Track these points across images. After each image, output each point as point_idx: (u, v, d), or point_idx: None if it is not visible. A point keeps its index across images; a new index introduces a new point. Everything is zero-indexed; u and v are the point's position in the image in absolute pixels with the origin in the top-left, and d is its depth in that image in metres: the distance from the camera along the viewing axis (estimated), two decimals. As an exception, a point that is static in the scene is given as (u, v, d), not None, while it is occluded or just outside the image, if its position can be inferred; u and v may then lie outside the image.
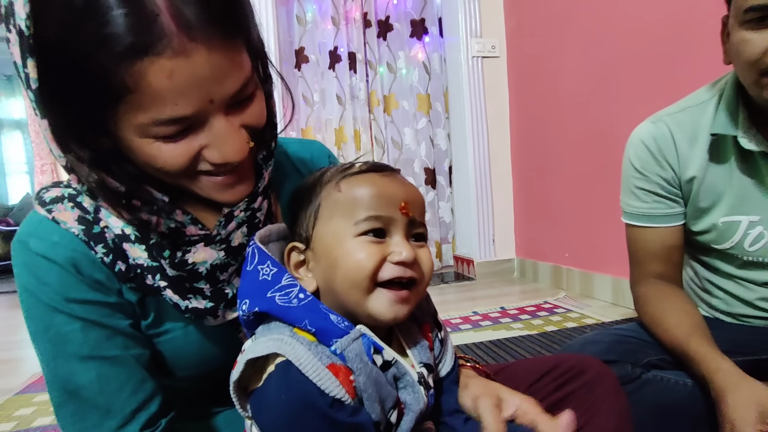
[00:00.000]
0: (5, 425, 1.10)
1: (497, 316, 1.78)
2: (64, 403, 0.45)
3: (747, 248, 0.76)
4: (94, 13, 0.33)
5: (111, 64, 0.34)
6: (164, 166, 0.41)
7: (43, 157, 3.10)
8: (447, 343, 0.54)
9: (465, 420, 0.49)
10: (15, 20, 0.35)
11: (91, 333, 0.45)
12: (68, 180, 0.49)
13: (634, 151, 0.82)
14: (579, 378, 0.57)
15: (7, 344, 1.99)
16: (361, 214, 0.45)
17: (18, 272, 0.46)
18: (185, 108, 0.38)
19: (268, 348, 0.41)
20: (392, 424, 0.44)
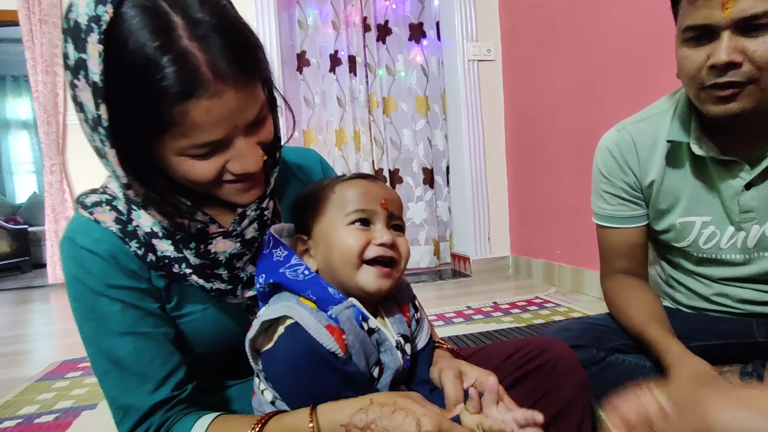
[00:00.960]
0: (29, 408, 1.20)
1: (489, 310, 1.86)
2: (108, 371, 0.53)
3: (702, 246, 0.83)
4: (153, 71, 0.43)
5: (164, 107, 0.45)
6: (197, 179, 0.51)
7: (52, 157, 3.19)
8: (423, 323, 0.63)
9: (431, 390, 0.58)
10: (88, 74, 0.44)
11: (128, 313, 0.54)
12: (102, 187, 0.58)
13: (600, 157, 0.89)
14: (542, 356, 0.65)
15: (18, 337, 2.08)
16: (350, 207, 0.56)
17: (66, 263, 0.55)
18: (216, 135, 0.48)
19: (279, 311, 0.51)
20: (374, 378, 0.54)
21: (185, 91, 0.44)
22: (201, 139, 0.47)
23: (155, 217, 0.53)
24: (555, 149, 2.25)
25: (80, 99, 0.47)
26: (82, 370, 1.46)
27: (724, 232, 0.80)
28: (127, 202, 0.55)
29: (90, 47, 0.44)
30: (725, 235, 0.80)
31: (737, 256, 0.81)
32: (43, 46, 3.13)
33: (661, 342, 0.73)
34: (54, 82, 3.18)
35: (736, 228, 0.79)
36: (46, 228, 3.21)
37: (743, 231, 0.79)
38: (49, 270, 3.20)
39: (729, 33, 0.65)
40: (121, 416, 0.54)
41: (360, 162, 2.85)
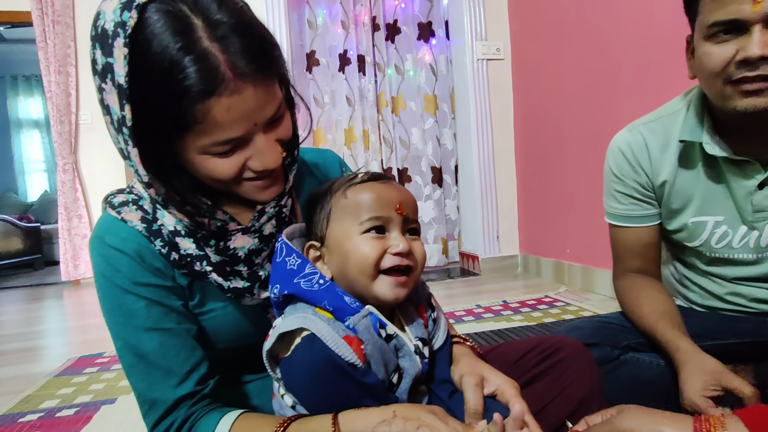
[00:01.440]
0: (50, 402, 1.22)
1: (499, 308, 1.86)
2: (135, 365, 0.55)
3: (714, 246, 0.83)
4: (175, 71, 0.45)
5: (186, 105, 0.46)
6: (219, 177, 0.52)
7: (65, 156, 3.23)
8: (439, 322, 0.64)
9: (451, 393, 0.58)
10: (114, 76, 0.47)
11: (153, 310, 0.55)
12: (129, 187, 0.60)
13: (612, 157, 0.90)
14: (556, 355, 0.66)
15: (34, 334, 2.12)
16: (365, 215, 0.55)
17: (95, 261, 0.57)
18: (237, 132, 0.49)
19: (295, 324, 0.51)
20: (394, 384, 0.54)
21: (206, 89, 0.46)
22: (222, 136, 0.49)
23: (176, 215, 0.55)
24: (564, 148, 2.25)
25: (107, 102, 0.49)
26: (99, 366, 1.49)
27: (736, 231, 0.81)
28: (152, 201, 0.57)
29: (116, 51, 0.46)
30: (737, 234, 0.81)
31: (749, 255, 0.81)
32: (56, 47, 3.17)
33: (671, 340, 0.74)
34: (66, 82, 3.22)
35: (749, 227, 0.80)
36: (59, 226, 3.25)
37: (756, 230, 0.79)
38: (62, 267, 3.25)
39: (760, 27, 0.65)
40: (147, 409, 0.55)
41: (369, 161, 2.86)
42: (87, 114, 3.31)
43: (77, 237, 3.27)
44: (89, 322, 2.32)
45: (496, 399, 0.57)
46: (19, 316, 2.52)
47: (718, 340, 0.83)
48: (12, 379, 1.43)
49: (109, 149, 3.34)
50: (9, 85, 5.69)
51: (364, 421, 0.48)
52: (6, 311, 2.66)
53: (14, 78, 5.70)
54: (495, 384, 0.58)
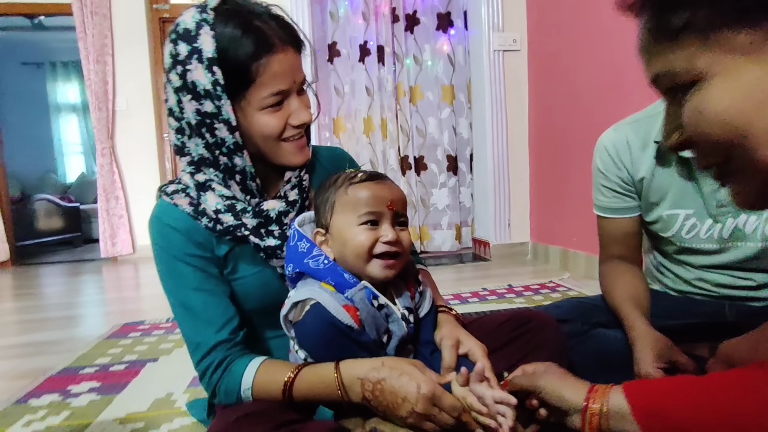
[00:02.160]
0: (103, 359, 1.42)
1: (503, 292, 1.98)
2: (184, 316, 0.71)
3: (684, 236, 0.93)
4: (244, 43, 0.65)
5: (251, 63, 0.65)
6: (270, 132, 0.69)
7: (103, 141, 3.46)
8: (425, 295, 0.77)
9: (432, 351, 0.72)
10: (202, 55, 0.65)
11: (198, 275, 0.71)
12: (177, 179, 0.75)
13: (598, 155, 1.00)
14: (526, 325, 0.79)
15: (77, 304, 2.35)
16: (362, 210, 0.67)
17: (154, 236, 0.72)
18: (284, 84, 0.67)
19: (305, 294, 0.66)
20: (384, 343, 0.68)
21: (263, 50, 0.65)
22: (276, 87, 0.66)
23: (217, 196, 0.71)
24: (576, 139, 2.32)
25: (192, 78, 0.66)
26: (141, 332, 1.68)
27: (703, 223, 0.91)
28: (196, 188, 0.72)
29: (202, 37, 0.65)
30: (704, 226, 0.91)
31: (713, 245, 0.91)
32: (94, 37, 3.36)
33: (628, 319, 0.86)
34: (104, 71, 3.42)
35: (714, 220, 0.89)
36: (98, 206, 3.49)
37: (719, 223, 0.89)
38: (101, 245, 3.50)
39: None
40: (193, 349, 0.71)
41: (386, 149, 2.98)
42: (123, 102, 3.52)
43: (114, 217, 3.51)
44: (127, 295, 2.55)
45: (468, 359, 0.71)
46: (63, 288, 2.76)
47: (682, 320, 0.94)
48: (65, 341, 1.64)
49: (142, 136, 3.56)
50: (49, 71, 5.98)
51: (359, 368, 0.62)
52: (51, 283, 2.92)
53: (53, 64, 5.98)
54: (468, 346, 0.71)
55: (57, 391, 1.19)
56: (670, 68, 0.40)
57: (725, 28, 0.36)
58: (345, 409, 0.65)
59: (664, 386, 0.56)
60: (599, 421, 0.56)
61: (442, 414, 0.60)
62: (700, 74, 0.38)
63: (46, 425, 1.02)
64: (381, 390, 0.60)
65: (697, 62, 0.38)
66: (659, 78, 0.42)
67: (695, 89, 0.39)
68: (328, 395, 0.64)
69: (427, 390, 0.59)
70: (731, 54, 0.36)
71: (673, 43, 0.39)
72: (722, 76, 0.37)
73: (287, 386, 0.64)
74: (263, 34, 0.65)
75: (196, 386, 1.19)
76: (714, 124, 0.38)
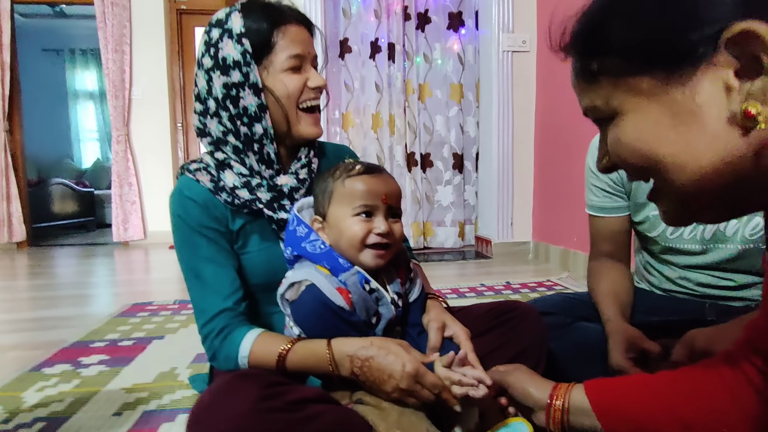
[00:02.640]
0: (113, 335, 1.49)
1: (501, 288, 2.02)
2: (194, 283, 0.77)
3: (669, 236, 0.96)
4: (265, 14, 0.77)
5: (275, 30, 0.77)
6: (293, 88, 0.77)
7: (119, 128, 3.55)
8: (415, 281, 0.82)
9: (419, 333, 0.77)
10: (232, 32, 0.75)
11: (211, 246, 0.76)
12: (198, 159, 0.82)
13: (591, 156, 1.04)
14: (509, 314, 0.83)
15: (88, 284, 2.44)
16: (357, 202, 0.71)
17: (174, 207, 0.78)
18: (302, 49, 0.77)
19: (301, 276, 0.70)
20: (373, 324, 0.73)
21: (281, 21, 0.76)
22: (293, 50, 0.76)
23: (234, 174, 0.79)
24: (581, 142, 2.34)
25: (223, 54, 0.75)
26: (149, 312, 1.76)
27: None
28: (216, 167, 0.79)
29: (232, 20, 0.76)
30: (687, 227, 0.94)
31: (697, 246, 0.95)
32: (114, 27, 3.45)
33: (605, 314, 0.90)
34: (122, 60, 3.51)
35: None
36: (112, 192, 3.58)
37: (702, 225, 0.92)
38: (114, 230, 3.60)
39: None
40: (199, 314, 0.76)
41: (394, 145, 3.03)
42: (139, 90, 3.60)
43: (127, 203, 3.60)
44: (137, 277, 2.63)
45: (452, 341, 0.76)
46: (76, 269, 2.86)
47: (665, 317, 0.97)
48: (77, 317, 1.72)
49: (156, 125, 3.65)
50: (68, 58, 6.11)
51: (349, 346, 0.67)
52: (65, 264, 3.02)
53: (72, 52, 6.10)
54: (453, 330, 0.76)
55: (69, 362, 1.27)
56: (593, 104, 0.46)
57: (630, 75, 0.42)
58: (334, 382, 0.70)
59: (622, 384, 0.60)
60: (561, 417, 0.60)
61: (423, 390, 0.65)
62: (615, 110, 0.44)
63: (58, 391, 1.09)
64: (369, 367, 0.65)
65: (612, 101, 0.44)
66: (587, 111, 0.48)
67: (614, 122, 0.45)
68: (319, 368, 0.69)
69: (411, 368, 0.64)
70: (637, 96, 0.42)
71: (594, 83, 0.45)
72: (632, 114, 0.43)
73: (282, 357, 0.69)
74: (280, 10, 0.78)
75: (199, 362, 1.25)
76: (628, 152, 0.44)
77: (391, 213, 0.74)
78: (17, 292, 2.24)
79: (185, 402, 1.02)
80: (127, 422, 0.93)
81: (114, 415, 0.96)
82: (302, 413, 0.59)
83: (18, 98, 3.56)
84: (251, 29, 0.75)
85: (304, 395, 0.62)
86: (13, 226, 3.53)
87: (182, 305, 1.84)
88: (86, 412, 0.98)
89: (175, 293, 2.09)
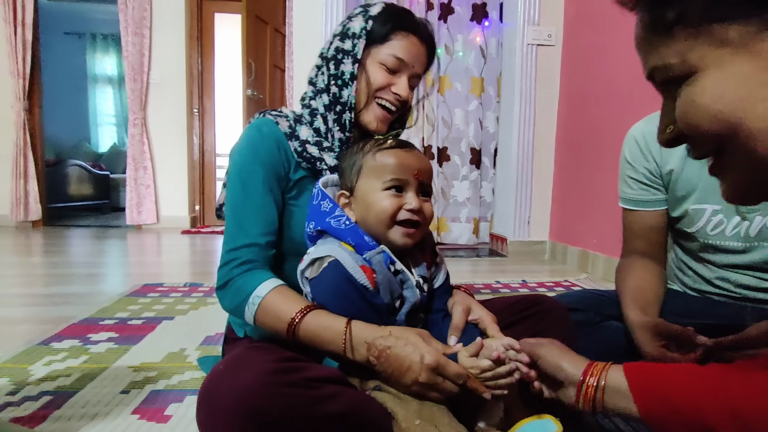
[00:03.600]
0: (122, 314, 1.48)
1: (517, 286, 1.97)
2: (237, 209, 0.74)
3: (709, 233, 0.90)
4: (401, 14, 0.81)
5: (396, 29, 0.79)
6: (378, 82, 0.79)
7: (136, 112, 3.55)
8: (441, 267, 0.78)
9: (443, 316, 0.73)
10: (368, 12, 0.80)
11: (266, 182, 0.75)
12: (279, 110, 0.83)
13: (627, 145, 0.98)
14: (536, 307, 0.79)
15: (101, 263, 2.44)
16: (388, 176, 0.68)
17: (249, 136, 0.77)
18: (404, 56, 0.79)
19: (325, 251, 0.67)
20: (396, 309, 0.69)
21: (408, 28, 0.79)
22: (399, 53, 0.79)
23: (310, 130, 0.81)
24: (604, 141, 2.27)
25: (349, 26, 0.80)
26: (159, 293, 1.74)
27: (730, 220, 0.88)
28: (294, 120, 0.81)
29: (376, 6, 0.81)
30: (731, 223, 0.88)
31: (739, 244, 0.89)
32: (134, 10, 3.44)
33: (626, 312, 0.86)
34: (141, 43, 3.51)
35: (742, 218, 0.86)
36: (127, 175, 3.59)
37: (747, 221, 0.86)
38: (128, 213, 3.61)
39: None
40: (229, 239, 0.74)
41: (410, 137, 2.98)
42: (157, 75, 3.60)
43: (142, 186, 3.61)
44: (149, 260, 2.63)
45: (477, 326, 0.72)
46: (89, 249, 2.87)
47: (697, 320, 0.91)
48: (88, 295, 1.71)
49: (173, 109, 3.64)
50: (89, 42, 6.15)
51: (368, 332, 0.63)
52: (78, 243, 3.03)
53: (93, 36, 6.15)
54: (478, 314, 0.73)
55: (77, 338, 1.25)
56: (664, 62, 0.41)
57: (716, 23, 0.37)
58: (346, 366, 0.66)
59: (664, 369, 0.56)
60: (594, 395, 0.56)
61: (446, 382, 0.61)
62: (692, 67, 0.39)
63: (66, 366, 1.07)
64: (386, 357, 0.61)
65: (690, 55, 0.39)
66: (654, 72, 0.43)
67: (688, 81, 0.40)
68: (331, 344, 0.64)
69: (431, 360, 0.60)
70: (722, 48, 0.37)
71: (667, 37, 0.40)
72: (713, 69, 0.38)
73: (302, 314, 0.65)
74: (414, 22, 0.81)
75: (208, 344, 1.23)
76: (704, 116, 0.39)
77: (422, 190, 0.70)
78: (30, 268, 2.24)
79: (194, 383, 0.99)
80: (135, 400, 0.90)
81: (121, 392, 0.94)
82: (319, 392, 0.55)
83: (38, 78, 3.58)
84: (380, 18, 0.79)
85: (322, 374, 0.58)
86: (30, 205, 3.55)
87: (193, 288, 1.82)
88: (93, 387, 0.95)
89: (186, 276, 2.08)
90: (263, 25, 3.36)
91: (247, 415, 0.50)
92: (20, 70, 3.40)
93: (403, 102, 0.81)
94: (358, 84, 0.80)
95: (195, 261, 2.57)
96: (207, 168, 4.06)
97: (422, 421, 0.58)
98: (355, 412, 0.57)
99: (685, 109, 0.41)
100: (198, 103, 3.92)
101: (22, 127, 3.46)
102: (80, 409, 0.86)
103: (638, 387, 0.53)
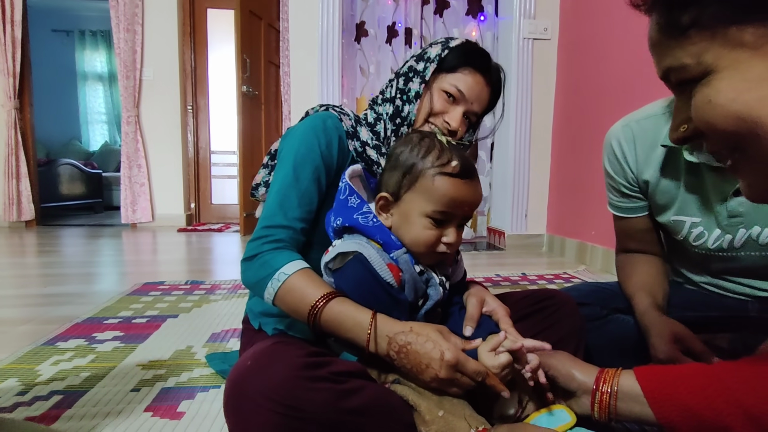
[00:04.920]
0: (126, 312, 1.47)
1: (517, 279, 1.98)
2: (282, 189, 0.74)
3: (692, 243, 0.88)
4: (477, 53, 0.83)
5: (465, 65, 0.82)
6: (434, 108, 0.81)
7: (129, 110, 3.51)
8: (460, 264, 0.80)
9: (459, 309, 0.74)
10: (449, 43, 0.84)
11: (318, 171, 0.76)
12: (340, 106, 0.85)
13: (605, 153, 0.96)
14: (547, 301, 0.80)
15: (97, 263, 2.42)
16: (439, 206, 0.66)
17: (310, 123, 0.79)
18: (463, 88, 0.81)
19: (353, 247, 0.66)
20: (418, 306, 0.69)
21: (477, 67, 0.82)
22: (461, 86, 0.81)
23: (369, 132, 0.83)
24: (601, 133, 2.27)
25: (428, 51, 0.84)
26: (161, 291, 1.73)
27: (711, 233, 0.85)
28: (355, 121, 0.84)
29: (457, 40, 0.84)
30: (712, 236, 0.85)
31: (725, 253, 0.86)
32: (126, 6, 3.40)
33: (639, 307, 0.84)
34: (133, 39, 3.46)
35: (723, 231, 0.84)
36: (121, 174, 3.56)
37: (729, 234, 0.84)
38: (122, 211, 3.58)
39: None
40: (266, 215, 0.74)
41: (408, 132, 2.98)
42: (150, 71, 3.56)
43: (136, 185, 3.58)
44: (145, 258, 2.61)
45: (491, 318, 0.73)
46: (84, 248, 2.84)
47: (701, 312, 0.92)
48: (87, 295, 1.69)
49: (166, 106, 3.61)
50: (77, 39, 6.06)
51: (391, 326, 0.63)
52: (73, 243, 3.00)
53: (82, 33, 6.06)
54: (492, 306, 0.74)
55: (83, 337, 1.24)
56: (679, 63, 0.41)
57: (732, 25, 0.37)
58: (365, 358, 0.66)
59: (675, 372, 0.57)
60: (608, 402, 0.57)
61: (464, 378, 0.61)
62: (708, 68, 0.39)
63: (74, 365, 1.06)
64: (406, 353, 0.61)
65: (706, 57, 0.39)
66: (669, 72, 0.43)
67: (704, 81, 0.40)
68: (350, 333, 0.64)
69: (451, 357, 0.60)
70: (738, 49, 0.38)
71: (682, 40, 0.40)
72: (729, 70, 0.38)
73: (326, 299, 0.65)
74: (485, 64, 0.83)
75: (215, 341, 1.22)
76: (721, 115, 0.39)
77: (463, 219, 0.70)
78: (26, 268, 2.22)
79: (203, 380, 0.99)
80: (146, 398, 0.90)
81: (132, 390, 0.93)
82: (345, 386, 0.56)
83: (29, 77, 3.53)
84: (456, 50, 0.83)
85: (346, 368, 0.59)
86: (23, 205, 3.51)
87: (194, 285, 1.81)
88: (103, 386, 0.95)
89: (186, 274, 2.07)
90: (257, 21, 3.33)
91: (279, 409, 0.50)
92: (10, 69, 3.35)
93: (451, 132, 0.82)
94: (420, 103, 0.82)
95: (193, 258, 2.56)
96: (202, 165, 4.04)
97: (446, 413, 0.59)
98: (377, 405, 0.58)
99: (701, 108, 0.41)
100: (192, 100, 3.88)
101: (14, 127, 3.41)
102: (92, 408, 0.86)
103: (652, 392, 0.54)
